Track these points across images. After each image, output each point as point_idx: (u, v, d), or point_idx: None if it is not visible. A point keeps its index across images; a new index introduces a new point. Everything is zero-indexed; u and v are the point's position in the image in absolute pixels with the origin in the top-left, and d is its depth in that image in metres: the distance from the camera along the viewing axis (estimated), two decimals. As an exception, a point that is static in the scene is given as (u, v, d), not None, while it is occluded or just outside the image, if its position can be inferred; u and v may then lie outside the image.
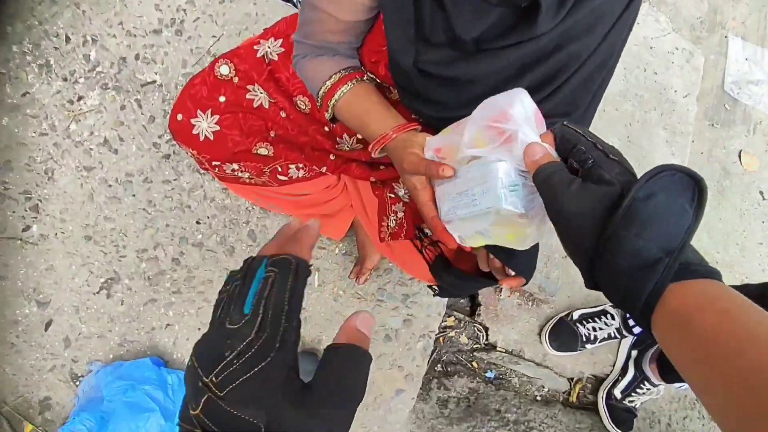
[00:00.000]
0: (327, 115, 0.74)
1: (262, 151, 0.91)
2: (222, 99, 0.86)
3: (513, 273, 0.71)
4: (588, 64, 0.66)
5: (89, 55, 1.25)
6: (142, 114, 1.25)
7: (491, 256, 0.72)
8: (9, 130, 1.20)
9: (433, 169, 0.56)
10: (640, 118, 1.70)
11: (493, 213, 0.49)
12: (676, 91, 1.76)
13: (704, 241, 1.76)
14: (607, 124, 1.65)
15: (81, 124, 1.23)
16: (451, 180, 0.55)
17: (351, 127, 0.73)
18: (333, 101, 0.70)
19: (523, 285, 0.72)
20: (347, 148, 0.92)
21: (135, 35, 1.28)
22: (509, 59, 0.63)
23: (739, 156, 1.91)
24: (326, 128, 0.91)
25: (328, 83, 0.70)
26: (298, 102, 0.90)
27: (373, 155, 0.69)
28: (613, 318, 1.39)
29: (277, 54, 0.88)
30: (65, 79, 1.23)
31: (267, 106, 0.89)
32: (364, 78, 0.72)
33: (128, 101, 1.25)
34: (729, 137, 1.93)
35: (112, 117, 1.24)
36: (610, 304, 1.41)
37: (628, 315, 1.35)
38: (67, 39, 1.24)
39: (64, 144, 1.22)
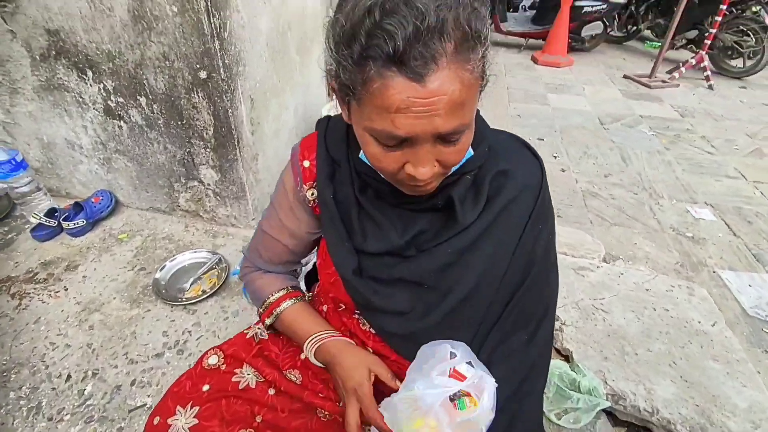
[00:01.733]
0: (267, 322, 0.84)
1: None
2: (205, 388, 0.81)
3: None
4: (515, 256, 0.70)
5: (84, 390, 1.22)
6: (121, 444, 1.11)
7: None
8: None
9: None
10: (681, 355, 1.52)
11: None
12: (700, 322, 1.65)
13: None
14: (650, 368, 1.46)
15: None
16: None
17: (286, 332, 0.84)
18: (277, 310, 0.82)
19: None
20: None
21: (137, 362, 1.29)
22: (445, 253, 0.68)
23: (827, 378, 1.59)
24: (320, 394, 0.83)
25: (277, 295, 0.83)
26: (289, 375, 0.86)
27: (307, 356, 0.77)
28: None
29: (267, 333, 0.91)
30: (50, 419, 1.15)
31: (254, 386, 0.83)
32: (305, 297, 0.86)
33: (109, 431, 1.13)
34: (796, 361, 1.68)
35: (87, 453, 1.09)
36: None
37: None
38: (68, 377, 1.25)
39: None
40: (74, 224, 1.71)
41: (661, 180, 2.86)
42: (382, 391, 0.71)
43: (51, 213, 1.73)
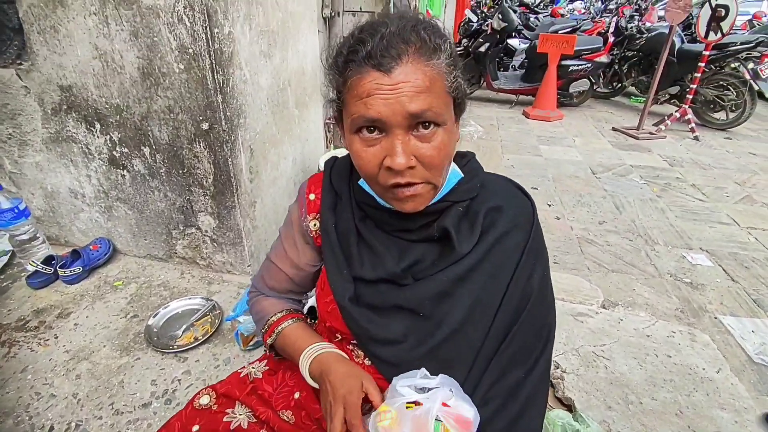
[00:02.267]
0: (269, 341, 0.86)
1: None
2: (195, 429, 0.79)
3: None
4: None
5: (66, 443, 1.17)
6: (99, 502, 1.04)
7: None
8: None
9: None
10: (687, 404, 1.47)
11: None
12: (704, 369, 1.61)
13: None
14: (656, 418, 1.40)
15: None
16: None
17: (285, 350, 0.83)
18: (279, 329, 0.84)
19: None
20: None
21: (122, 413, 1.25)
22: (441, 281, 0.70)
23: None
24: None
25: (279, 314, 0.86)
26: (282, 415, 0.84)
27: (301, 372, 0.76)
28: None
29: (261, 372, 0.91)
30: (26, 476, 1.09)
31: (246, 426, 0.82)
32: (306, 320, 0.89)
33: (89, 488, 1.07)
34: (808, 410, 1.61)
35: None
36: None
37: None
38: (51, 429, 1.20)
39: None
40: (70, 271, 1.71)
41: (655, 227, 2.89)
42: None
43: (48, 260, 1.73)
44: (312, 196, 0.83)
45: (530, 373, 0.72)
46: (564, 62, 5.19)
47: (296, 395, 0.86)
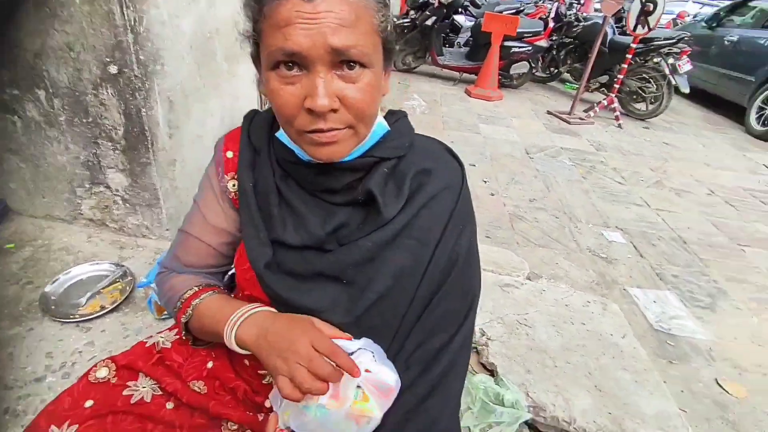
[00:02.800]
0: (183, 319, 0.74)
1: None
2: (89, 404, 0.71)
3: None
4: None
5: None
6: (-24, 487, 0.92)
7: None
8: None
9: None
10: (596, 366, 1.58)
11: None
12: (612, 335, 1.74)
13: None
14: (568, 379, 1.50)
15: None
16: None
17: (203, 326, 0.73)
18: (195, 302, 0.73)
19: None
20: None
21: (12, 388, 1.11)
22: (366, 247, 0.66)
23: (719, 385, 1.74)
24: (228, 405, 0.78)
25: (195, 289, 0.75)
26: (193, 386, 0.78)
27: (228, 341, 0.67)
28: None
29: (170, 342, 0.83)
30: None
31: (149, 400, 0.75)
32: (224, 292, 0.79)
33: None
34: (695, 370, 1.82)
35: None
36: None
37: None
38: None
39: None
40: (-52, 232, 1.48)
41: (579, 205, 3.08)
42: None
43: None
44: (230, 154, 0.75)
45: (452, 339, 0.71)
46: (506, 43, 5.29)
47: (209, 364, 0.81)
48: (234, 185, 0.75)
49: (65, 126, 1.42)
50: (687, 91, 4.89)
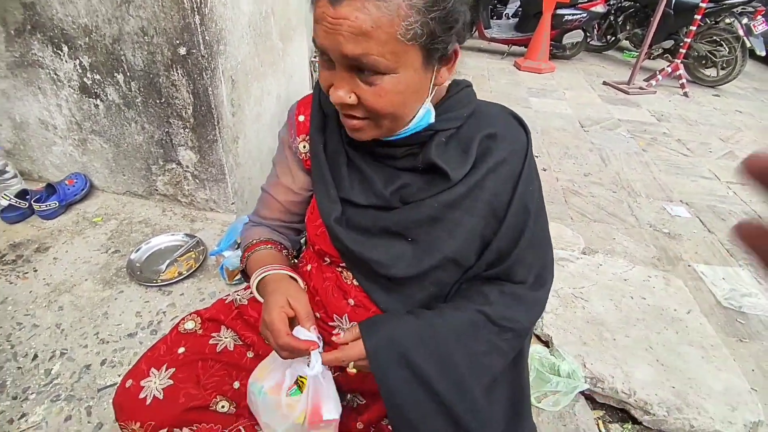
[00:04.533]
0: (240, 267, 0.87)
1: (222, 407, 0.78)
2: (181, 350, 0.80)
3: None
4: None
5: (51, 369, 1.17)
6: (89, 422, 1.06)
7: None
8: None
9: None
10: (657, 340, 1.54)
11: None
12: (675, 310, 1.68)
13: None
14: (628, 353, 1.47)
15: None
16: None
17: (250, 274, 0.81)
18: (249, 254, 0.84)
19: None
20: None
21: (108, 342, 1.25)
22: (432, 207, 0.69)
23: (796, 364, 1.63)
24: None
25: (257, 241, 0.85)
26: None
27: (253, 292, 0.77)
28: None
29: (246, 299, 0.91)
30: (15, 398, 1.10)
31: (232, 348, 0.83)
32: (283, 251, 0.87)
33: (77, 410, 1.08)
34: (766, 350, 1.72)
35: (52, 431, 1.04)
36: None
37: None
38: (35, 357, 1.19)
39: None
40: (46, 206, 1.65)
41: (638, 179, 2.93)
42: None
43: (22, 195, 1.67)
44: (301, 118, 0.80)
45: (535, 287, 0.75)
46: (559, 11, 5.01)
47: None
48: (305, 147, 0.80)
49: (141, 107, 1.54)
50: (764, 53, 4.44)
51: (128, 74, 1.47)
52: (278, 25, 1.82)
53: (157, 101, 1.51)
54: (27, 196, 1.67)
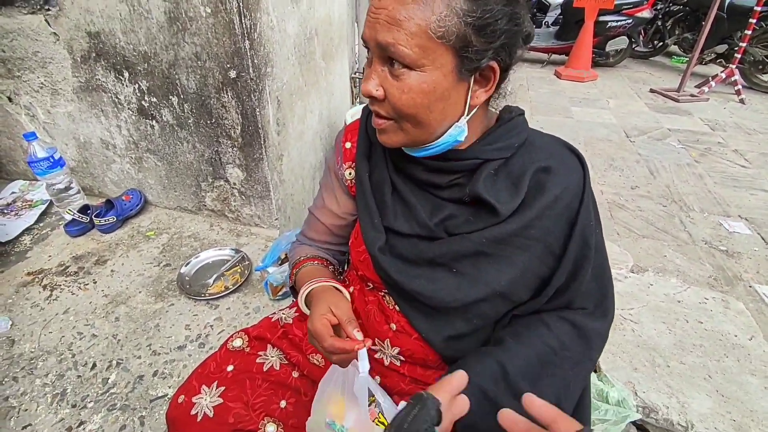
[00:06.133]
0: (290, 283, 0.90)
1: (270, 429, 0.78)
2: (230, 368, 0.82)
3: None
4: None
5: (108, 378, 1.23)
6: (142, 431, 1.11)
7: None
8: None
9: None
10: (717, 369, 1.45)
11: None
12: (736, 336, 1.57)
13: None
14: (684, 381, 1.39)
15: (68, 453, 1.07)
16: None
17: (299, 289, 0.82)
18: (297, 270, 0.86)
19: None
20: None
21: (159, 354, 1.30)
22: (479, 242, 0.68)
23: None
24: None
25: (303, 258, 0.88)
26: (312, 359, 0.86)
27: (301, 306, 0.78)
28: None
29: (291, 318, 0.92)
30: (74, 406, 1.16)
31: (278, 368, 0.84)
32: (325, 264, 0.90)
33: (131, 419, 1.13)
34: (844, 381, 1.57)
35: (107, 439, 1.10)
36: None
37: None
38: (93, 366, 1.26)
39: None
40: (105, 221, 1.76)
41: (691, 192, 2.78)
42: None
43: (84, 209, 1.78)
44: (348, 145, 0.82)
45: (596, 311, 0.73)
46: (602, 18, 4.87)
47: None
48: (351, 173, 0.81)
49: (193, 127, 1.61)
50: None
51: (182, 97, 1.55)
52: (321, 45, 1.87)
53: (208, 122, 1.58)
54: (88, 211, 1.78)
